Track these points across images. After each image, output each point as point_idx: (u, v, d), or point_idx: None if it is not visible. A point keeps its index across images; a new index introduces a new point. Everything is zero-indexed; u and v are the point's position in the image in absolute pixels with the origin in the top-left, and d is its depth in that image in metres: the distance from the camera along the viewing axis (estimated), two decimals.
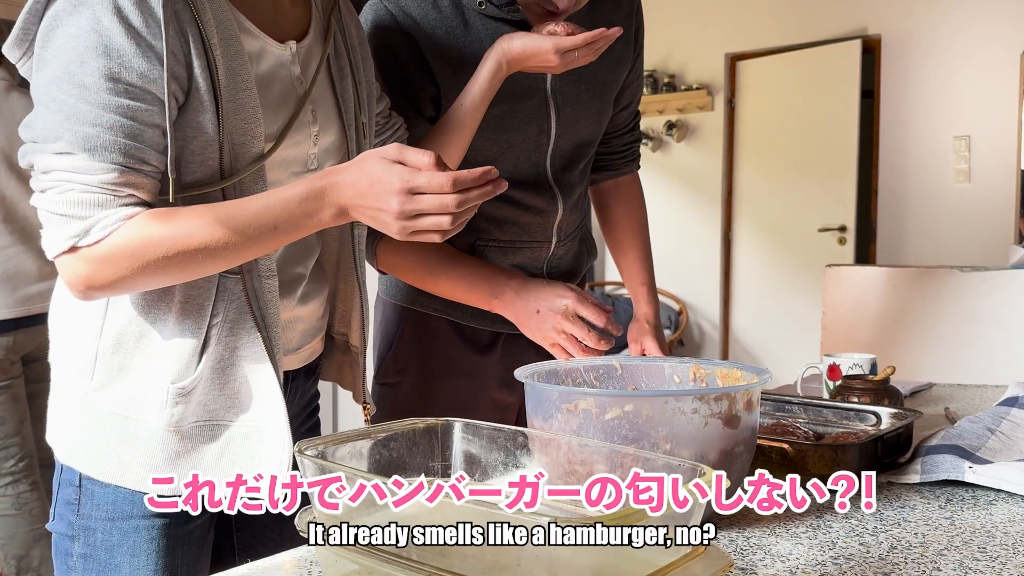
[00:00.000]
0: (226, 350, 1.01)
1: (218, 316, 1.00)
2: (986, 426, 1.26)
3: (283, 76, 1.06)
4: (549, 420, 0.92)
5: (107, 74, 0.89)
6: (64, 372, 1.05)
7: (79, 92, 0.89)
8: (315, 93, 1.09)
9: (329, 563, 0.71)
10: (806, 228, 5.13)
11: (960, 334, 2.03)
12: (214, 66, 0.94)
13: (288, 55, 1.06)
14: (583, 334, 1.30)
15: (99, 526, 1.03)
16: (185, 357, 0.99)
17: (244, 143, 0.97)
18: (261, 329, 1.02)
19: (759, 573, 0.81)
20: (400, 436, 0.83)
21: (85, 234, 0.92)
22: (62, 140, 0.90)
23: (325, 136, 1.11)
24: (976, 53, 4.57)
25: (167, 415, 0.99)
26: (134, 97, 0.91)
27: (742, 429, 0.90)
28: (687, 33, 5.35)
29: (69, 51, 0.90)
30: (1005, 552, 0.86)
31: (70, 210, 0.91)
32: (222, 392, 1.02)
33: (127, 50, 0.90)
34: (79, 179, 0.91)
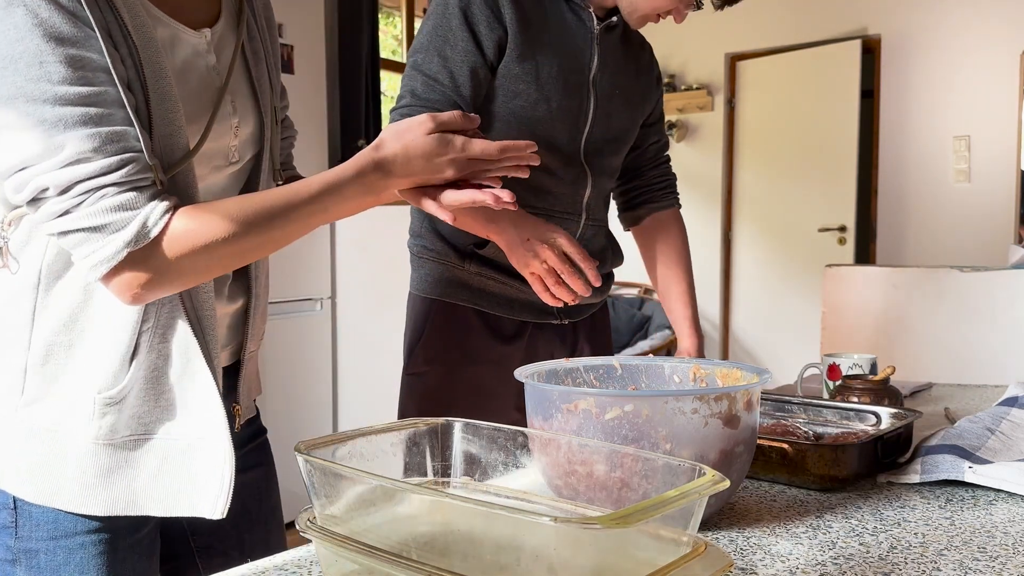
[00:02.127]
0: (159, 358, 0.95)
1: (149, 321, 0.94)
2: (986, 426, 1.26)
3: (199, 66, 0.99)
4: (549, 420, 0.92)
5: (70, 63, 0.83)
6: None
7: (52, 93, 0.82)
8: (232, 84, 1.03)
9: (329, 563, 0.71)
10: (806, 228, 5.14)
11: (960, 334, 2.03)
12: (135, 51, 0.89)
13: (203, 43, 1.00)
14: (563, 268, 1.33)
15: (42, 547, 0.97)
16: (114, 365, 0.93)
17: (170, 134, 0.92)
18: (197, 333, 0.96)
19: (759, 573, 0.81)
20: (400, 436, 0.83)
21: (143, 232, 0.87)
22: (66, 149, 0.83)
23: (244, 127, 1.05)
24: (976, 53, 4.58)
25: (95, 427, 0.94)
26: (103, 83, 0.85)
27: (742, 429, 0.90)
28: (687, 33, 5.35)
29: (18, 57, 0.82)
30: (1005, 552, 0.86)
31: (111, 217, 0.85)
32: (157, 404, 0.96)
33: (76, 34, 0.84)
34: (107, 180, 0.85)
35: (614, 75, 1.59)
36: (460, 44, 1.43)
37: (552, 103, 1.50)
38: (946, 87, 4.69)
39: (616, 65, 1.59)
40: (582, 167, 1.56)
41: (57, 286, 0.93)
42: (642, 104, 1.68)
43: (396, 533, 0.69)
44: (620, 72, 1.61)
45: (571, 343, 1.66)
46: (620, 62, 1.60)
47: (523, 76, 1.47)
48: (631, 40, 1.65)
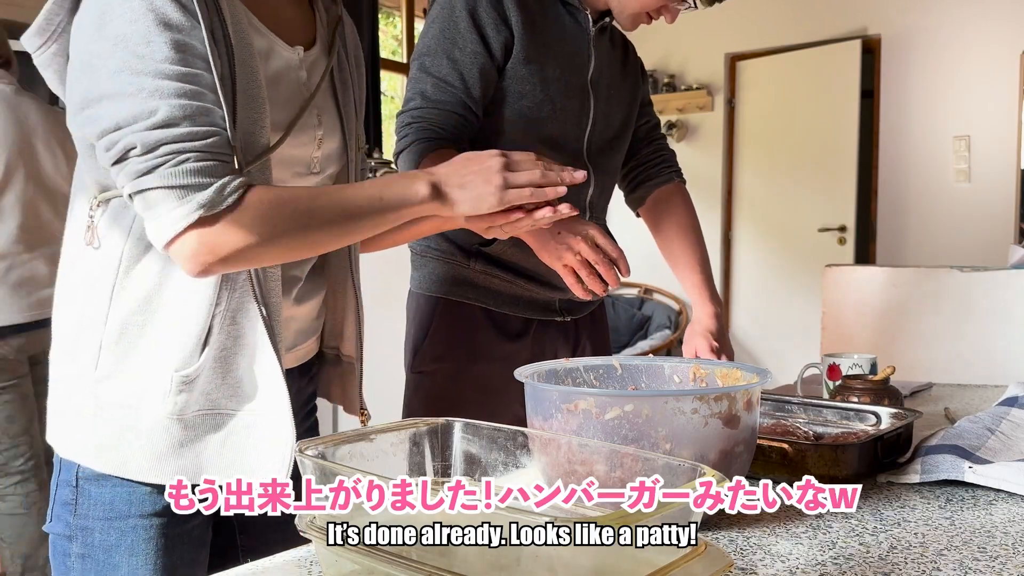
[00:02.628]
0: (228, 339, 1.01)
1: (221, 304, 0.99)
2: (986, 426, 1.25)
3: (291, 78, 1.07)
4: (549, 420, 0.92)
5: (174, 46, 0.91)
6: (66, 366, 1.05)
7: (154, 68, 0.90)
8: (319, 100, 1.11)
9: (329, 563, 0.71)
10: (806, 228, 5.13)
11: (960, 334, 2.03)
12: (231, 52, 0.96)
13: (296, 58, 1.08)
14: (596, 258, 1.33)
15: (96, 526, 1.02)
16: (189, 346, 0.99)
17: (253, 132, 0.98)
18: (264, 318, 1.02)
19: (759, 573, 0.81)
20: (400, 436, 0.83)
21: (219, 199, 0.91)
22: (158, 113, 0.89)
23: (328, 142, 1.13)
24: (976, 53, 4.57)
25: (170, 403, 0.99)
26: (201, 68, 0.92)
27: (742, 429, 0.90)
28: (687, 33, 5.35)
29: (130, 36, 0.90)
30: (1005, 552, 0.86)
31: (191, 179, 0.90)
32: (224, 381, 1.01)
33: (184, 23, 0.92)
34: (191, 147, 0.90)
35: (608, 76, 1.62)
36: (469, 46, 1.44)
37: (556, 104, 1.52)
38: (946, 87, 4.69)
39: (609, 66, 1.62)
40: (585, 166, 1.57)
41: (136, 268, 0.99)
42: (632, 101, 1.70)
43: (396, 533, 0.69)
44: (613, 72, 1.64)
45: (574, 340, 1.67)
46: (611, 62, 1.63)
47: (529, 78, 1.49)
48: (616, 41, 1.68)
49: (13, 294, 2.55)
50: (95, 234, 1.01)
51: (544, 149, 1.53)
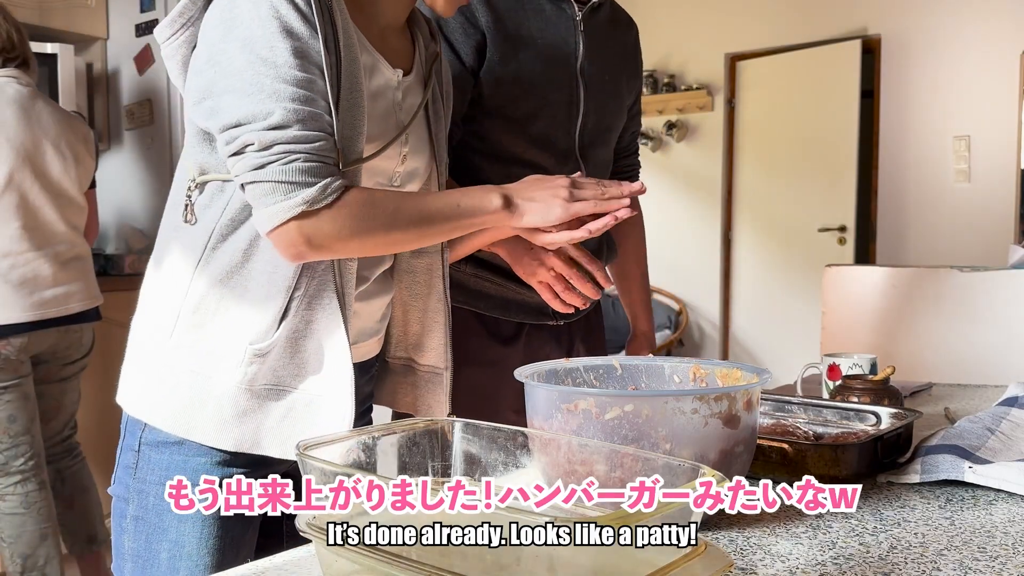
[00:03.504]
0: (301, 322, 1.08)
1: (300, 289, 1.07)
2: (986, 426, 1.25)
3: (388, 97, 1.16)
4: (549, 420, 0.92)
5: (294, 53, 1.00)
6: (145, 332, 1.13)
7: (275, 72, 0.99)
8: (413, 125, 1.19)
9: (329, 563, 0.71)
10: (806, 228, 5.13)
11: (960, 334, 2.03)
12: (339, 62, 1.04)
13: (395, 79, 1.17)
14: (571, 272, 1.34)
15: (152, 490, 1.09)
16: (266, 323, 1.06)
17: (350, 138, 1.06)
18: (341, 304, 1.09)
19: (759, 573, 0.81)
20: (400, 436, 0.83)
21: (321, 196, 1.00)
22: (274, 115, 0.98)
23: (411, 161, 1.20)
24: (976, 53, 4.57)
25: (241, 373, 1.06)
26: (315, 75, 1.01)
27: (742, 429, 0.90)
28: (687, 33, 5.35)
29: (256, 39, 0.99)
30: (1005, 552, 0.86)
31: (298, 177, 0.99)
32: (292, 360, 1.08)
33: (304, 32, 1.01)
34: (301, 149, 0.99)
35: (602, 61, 1.55)
36: None
37: (541, 100, 1.48)
38: (946, 87, 4.69)
39: (603, 50, 1.56)
40: (577, 163, 1.54)
41: (222, 246, 1.08)
42: (629, 89, 1.65)
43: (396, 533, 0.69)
44: (608, 57, 1.57)
45: (567, 344, 1.65)
46: (607, 46, 1.57)
47: (507, 80, 1.45)
48: (618, 21, 1.62)
49: (15, 293, 2.55)
50: (192, 211, 1.10)
51: (533, 150, 1.51)
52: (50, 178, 2.63)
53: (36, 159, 2.59)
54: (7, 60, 2.60)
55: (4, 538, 2.63)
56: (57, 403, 2.81)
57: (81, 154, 2.72)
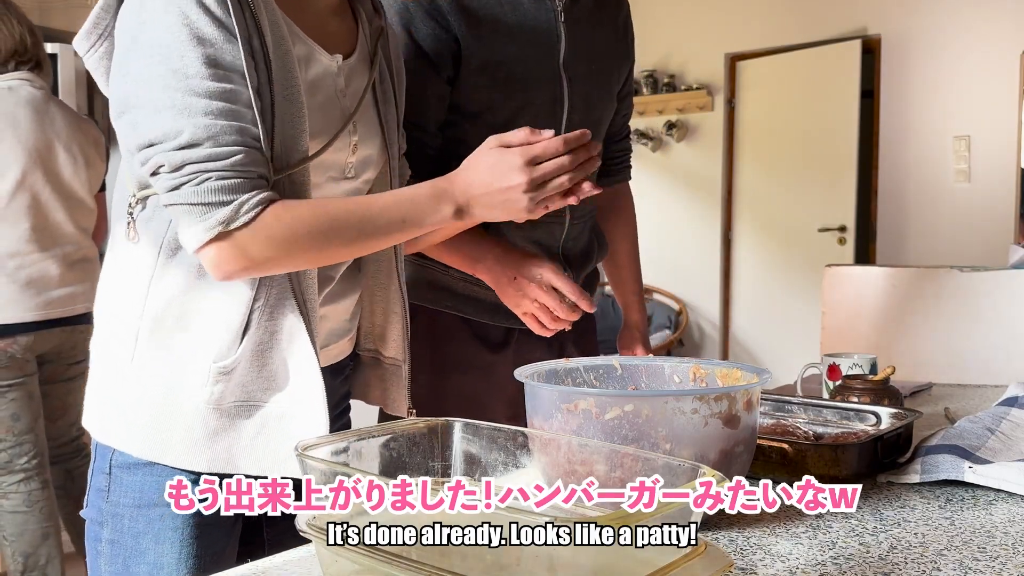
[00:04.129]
0: (265, 333, 1.04)
1: (260, 300, 1.03)
2: (986, 426, 1.25)
3: (328, 85, 1.10)
4: (549, 420, 0.92)
5: (206, 62, 0.94)
6: (105, 355, 1.09)
7: (186, 84, 0.94)
8: (359, 110, 1.14)
9: (329, 563, 0.71)
10: (806, 228, 5.13)
11: (960, 334, 2.03)
12: (268, 60, 0.99)
13: (335, 66, 1.11)
14: (555, 304, 1.33)
15: (126, 512, 1.06)
16: (228, 338, 1.02)
17: (293, 136, 1.02)
18: (303, 312, 1.05)
19: (759, 573, 0.81)
20: (400, 436, 0.83)
21: (233, 218, 0.95)
22: (184, 134, 0.94)
23: (363, 149, 1.15)
24: (976, 53, 4.57)
25: (207, 393, 1.02)
26: (232, 81, 0.96)
27: (742, 429, 0.90)
28: (687, 33, 5.35)
29: (164, 48, 0.94)
30: (1005, 552, 0.86)
31: (212, 197, 0.95)
32: (260, 374, 1.05)
33: (217, 37, 0.95)
34: (213, 167, 0.94)
35: (588, 51, 1.48)
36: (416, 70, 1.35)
37: (523, 101, 1.42)
38: (946, 87, 4.69)
39: (589, 38, 1.48)
40: None
41: (172, 261, 1.03)
42: (618, 75, 1.57)
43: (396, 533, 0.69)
44: (595, 45, 1.49)
45: (558, 349, 1.59)
46: (593, 33, 1.49)
47: (486, 82, 1.39)
48: (606, 2, 1.54)
49: (22, 293, 2.56)
50: (134, 229, 1.06)
51: None
52: (61, 180, 2.64)
53: (48, 161, 2.60)
54: (20, 63, 2.61)
55: (6, 536, 2.63)
56: (62, 403, 2.82)
57: (92, 157, 2.74)
